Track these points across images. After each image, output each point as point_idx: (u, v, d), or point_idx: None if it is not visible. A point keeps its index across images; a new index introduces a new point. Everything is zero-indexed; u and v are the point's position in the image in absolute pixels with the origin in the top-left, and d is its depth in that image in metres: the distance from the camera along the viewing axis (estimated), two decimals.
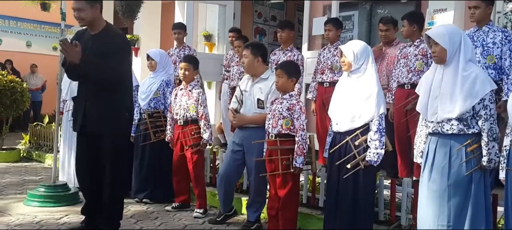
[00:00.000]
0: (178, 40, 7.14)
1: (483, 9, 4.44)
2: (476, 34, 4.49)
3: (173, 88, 5.43)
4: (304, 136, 4.08)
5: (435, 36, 3.29)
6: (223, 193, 4.64)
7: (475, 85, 3.16)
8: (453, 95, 3.20)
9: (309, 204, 4.73)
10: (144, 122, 5.40)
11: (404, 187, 4.21)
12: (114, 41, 4.08)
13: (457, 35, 3.27)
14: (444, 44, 3.24)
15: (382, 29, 5.65)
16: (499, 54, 4.35)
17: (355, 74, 3.85)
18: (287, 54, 6.17)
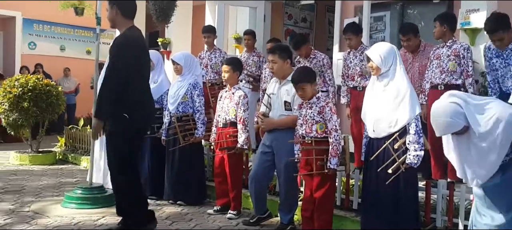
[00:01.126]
0: (208, 44, 7.19)
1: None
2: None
3: (201, 91, 5.48)
4: (337, 136, 4.07)
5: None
6: (255, 195, 4.66)
7: None
8: None
9: (343, 206, 4.71)
10: (173, 126, 5.46)
11: (439, 188, 4.17)
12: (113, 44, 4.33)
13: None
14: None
15: (403, 40, 5.56)
16: None
17: (384, 78, 3.82)
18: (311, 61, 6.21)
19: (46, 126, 8.41)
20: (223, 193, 5.17)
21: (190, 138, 5.39)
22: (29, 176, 7.04)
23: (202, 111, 5.42)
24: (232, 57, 5.82)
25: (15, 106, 7.79)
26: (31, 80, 7.99)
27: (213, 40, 7.24)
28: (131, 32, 4.23)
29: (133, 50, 4.17)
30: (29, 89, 7.85)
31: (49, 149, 8.63)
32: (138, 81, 4.23)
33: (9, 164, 8.02)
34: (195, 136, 5.38)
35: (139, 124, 4.28)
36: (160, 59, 6.05)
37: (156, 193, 5.67)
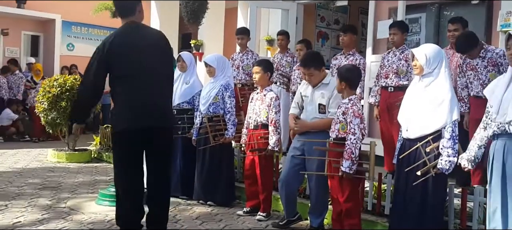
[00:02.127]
0: (241, 45, 7.22)
1: None
2: None
3: (232, 92, 5.49)
4: (353, 140, 4.00)
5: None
6: (285, 198, 4.64)
7: None
8: None
9: (374, 211, 4.63)
10: (204, 126, 5.48)
11: (476, 196, 4.05)
12: None
13: None
14: None
15: (450, 29, 5.44)
16: None
17: (427, 79, 3.75)
18: (349, 59, 6.10)
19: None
20: (253, 195, 5.16)
21: (220, 138, 5.40)
22: (65, 173, 7.22)
23: (232, 113, 5.44)
24: (262, 59, 5.82)
25: (54, 105, 8.00)
26: (69, 81, 8.20)
27: (246, 42, 7.27)
28: (117, 30, 4.00)
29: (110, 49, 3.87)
30: (67, 89, 8.05)
31: (85, 147, 8.80)
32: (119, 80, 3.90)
33: (47, 161, 8.23)
34: (225, 137, 5.40)
35: (117, 126, 3.94)
36: (193, 61, 6.10)
37: (187, 193, 5.71)
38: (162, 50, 3.99)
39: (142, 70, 3.86)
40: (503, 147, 3.18)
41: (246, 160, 5.22)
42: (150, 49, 3.90)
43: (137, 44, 3.87)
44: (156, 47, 3.95)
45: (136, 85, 3.87)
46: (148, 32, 4.02)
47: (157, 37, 4.02)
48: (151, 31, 4.08)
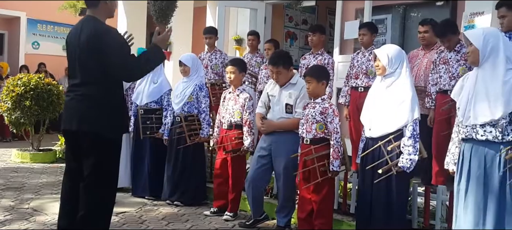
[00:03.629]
0: (209, 45, 7.19)
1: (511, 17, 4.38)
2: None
3: (206, 92, 5.48)
4: (338, 138, 4.06)
5: (470, 36, 3.22)
6: (252, 198, 4.64)
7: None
8: (490, 100, 3.11)
9: (340, 210, 4.67)
10: (179, 125, 5.44)
11: (439, 194, 4.13)
12: None
13: (493, 37, 3.17)
14: (477, 44, 3.15)
15: (420, 31, 5.51)
16: None
17: (389, 79, 3.81)
18: (317, 58, 6.13)
19: (47, 124, 8.44)
20: (221, 195, 5.14)
21: (195, 138, 5.37)
22: (29, 173, 7.07)
23: (207, 112, 5.44)
24: (236, 58, 5.83)
25: (18, 104, 7.83)
26: (33, 80, 8.03)
27: (214, 42, 7.24)
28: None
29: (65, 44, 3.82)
30: (31, 88, 7.89)
31: (50, 147, 8.63)
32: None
33: (10, 161, 8.06)
34: (200, 136, 5.37)
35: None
36: None
37: (154, 194, 5.66)
38: (93, 50, 3.56)
39: (73, 70, 3.69)
40: (470, 150, 3.26)
41: (217, 160, 5.19)
42: (83, 47, 3.59)
43: (73, 41, 3.68)
44: (87, 46, 3.58)
45: (69, 85, 3.75)
46: (86, 29, 3.63)
47: (90, 35, 3.59)
48: (89, 28, 3.63)
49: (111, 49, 3.53)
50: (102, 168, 3.64)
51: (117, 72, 3.59)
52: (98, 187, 3.63)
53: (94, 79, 3.58)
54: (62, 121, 3.75)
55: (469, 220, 3.25)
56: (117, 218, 4.86)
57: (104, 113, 3.59)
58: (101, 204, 3.68)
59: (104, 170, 3.66)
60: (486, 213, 3.19)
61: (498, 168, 3.14)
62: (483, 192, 3.19)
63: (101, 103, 3.59)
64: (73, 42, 3.67)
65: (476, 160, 3.22)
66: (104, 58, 3.52)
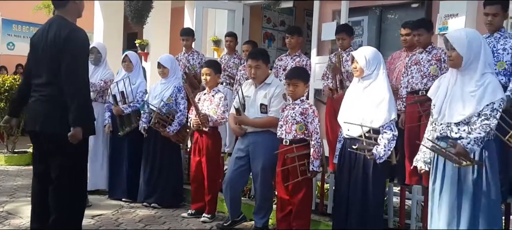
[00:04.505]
0: (186, 46, 7.17)
1: (502, 17, 4.39)
2: (487, 40, 4.43)
3: (184, 94, 5.46)
4: (318, 139, 4.10)
5: (453, 41, 3.24)
6: (229, 199, 4.63)
7: (486, 91, 3.14)
8: (464, 100, 3.18)
9: (317, 210, 4.70)
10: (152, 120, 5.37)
11: (414, 194, 4.18)
12: None
13: (476, 41, 3.23)
14: (462, 51, 3.20)
15: (402, 33, 5.56)
16: (510, 61, 4.28)
17: (366, 80, 3.86)
18: (295, 60, 6.16)
19: (22, 126, 8.27)
20: (198, 197, 5.12)
21: (159, 127, 5.29)
22: (4, 176, 6.95)
23: (184, 113, 5.41)
24: (212, 60, 5.82)
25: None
26: (7, 81, 7.91)
27: (191, 43, 7.23)
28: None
29: (30, 45, 3.80)
30: (6, 90, 7.77)
31: (25, 149, 8.48)
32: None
33: None
34: (166, 130, 5.29)
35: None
36: (139, 61, 6.02)
37: (131, 196, 5.61)
38: (60, 50, 3.51)
39: (38, 70, 3.64)
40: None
41: (192, 162, 5.17)
42: (51, 47, 3.55)
43: (40, 41, 3.62)
44: (55, 46, 3.53)
45: (33, 85, 3.69)
46: (54, 29, 3.58)
47: (58, 35, 3.54)
48: (57, 28, 3.58)
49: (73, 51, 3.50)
50: (69, 169, 3.60)
51: (66, 75, 3.50)
52: (67, 189, 3.59)
53: (59, 80, 3.52)
54: (27, 122, 3.71)
55: (443, 219, 3.30)
56: (92, 221, 4.81)
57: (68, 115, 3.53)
58: (71, 206, 3.64)
59: (72, 172, 3.61)
60: (460, 212, 3.24)
61: (472, 168, 3.20)
62: (457, 191, 3.24)
63: (66, 104, 3.52)
64: (40, 42, 3.61)
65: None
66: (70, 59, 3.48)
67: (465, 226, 3.22)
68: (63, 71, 3.50)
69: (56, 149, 3.57)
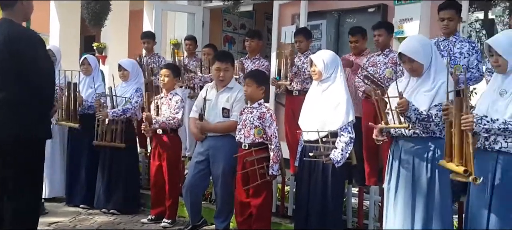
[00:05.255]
0: (147, 49, 7.12)
1: (456, 21, 4.53)
2: (443, 43, 4.55)
3: (142, 96, 5.39)
4: (277, 143, 4.12)
5: (410, 53, 3.33)
6: (190, 204, 4.60)
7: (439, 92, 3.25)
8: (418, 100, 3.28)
9: (278, 213, 4.73)
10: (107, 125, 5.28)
11: (371, 194, 4.26)
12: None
13: (428, 47, 3.36)
14: (419, 58, 3.31)
15: (351, 40, 5.68)
16: (466, 64, 4.41)
17: (325, 83, 3.90)
18: (255, 63, 6.21)
19: None
20: (158, 202, 5.07)
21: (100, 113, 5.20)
22: None
23: (133, 108, 5.29)
24: (171, 63, 5.77)
25: None
26: None
27: (152, 46, 7.18)
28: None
29: None
30: None
31: None
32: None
33: None
34: (106, 112, 5.18)
35: None
36: (97, 65, 5.94)
37: (89, 202, 5.50)
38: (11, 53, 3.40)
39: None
40: (399, 149, 3.40)
41: (152, 167, 5.11)
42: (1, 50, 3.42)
43: None
44: (5, 49, 3.42)
45: None
46: (3, 32, 3.45)
47: (8, 37, 3.43)
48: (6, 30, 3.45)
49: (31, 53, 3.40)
50: (24, 175, 3.49)
51: (18, 78, 3.41)
52: (22, 195, 3.48)
53: (12, 84, 3.42)
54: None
55: (399, 218, 3.38)
56: (49, 229, 4.69)
57: (23, 119, 3.45)
58: (26, 213, 3.53)
59: (27, 177, 3.51)
60: (414, 212, 3.33)
61: (426, 167, 3.29)
62: (412, 191, 3.33)
63: (20, 108, 3.43)
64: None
65: (405, 158, 3.37)
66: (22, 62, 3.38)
67: (419, 225, 3.31)
68: (16, 75, 3.41)
69: (11, 154, 3.46)
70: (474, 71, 4.39)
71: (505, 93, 2.95)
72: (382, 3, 6.29)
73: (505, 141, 2.94)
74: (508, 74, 2.98)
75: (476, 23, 5.99)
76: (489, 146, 3.00)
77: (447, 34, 4.52)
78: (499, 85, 3.02)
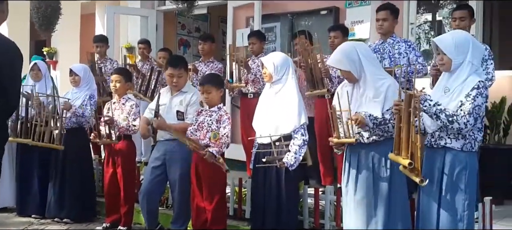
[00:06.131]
0: (100, 53, 7.00)
1: (391, 22, 4.68)
2: (382, 46, 4.70)
3: (95, 103, 5.29)
4: (228, 140, 4.12)
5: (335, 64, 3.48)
6: (146, 210, 4.54)
7: (388, 96, 3.33)
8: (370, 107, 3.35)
9: (236, 216, 4.73)
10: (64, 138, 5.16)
11: (327, 194, 4.32)
12: None
13: (353, 53, 3.43)
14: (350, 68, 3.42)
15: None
16: (407, 63, 4.55)
17: (276, 86, 3.93)
18: (209, 66, 6.23)
19: None
20: (113, 209, 4.97)
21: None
22: None
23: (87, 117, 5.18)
24: (122, 67, 5.68)
25: None
26: None
27: (105, 50, 7.06)
28: None
29: None
30: None
31: None
32: None
33: None
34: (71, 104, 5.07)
35: None
36: (47, 70, 5.81)
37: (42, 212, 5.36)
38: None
39: None
40: (357, 150, 3.47)
41: (106, 174, 5.01)
42: None
43: None
44: None
45: None
46: None
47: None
48: None
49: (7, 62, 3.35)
50: None
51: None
52: None
53: None
54: None
55: (359, 219, 3.44)
56: None
57: None
58: None
59: None
60: (375, 212, 3.40)
61: (385, 167, 3.37)
62: (373, 191, 3.40)
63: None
64: None
65: (364, 159, 3.44)
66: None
67: (380, 225, 3.37)
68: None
69: None
70: (417, 65, 4.51)
71: (448, 91, 3.09)
72: (334, 6, 6.41)
73: (448, 137, 3.07)
74: (453, 73, 3.11)
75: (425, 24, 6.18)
76: (435, 143, 3.13)
77: (383, 34, 4.68)
78: (444, 83, 3.15)
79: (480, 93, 2.99)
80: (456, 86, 3.05)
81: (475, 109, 2.97)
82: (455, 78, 3.08)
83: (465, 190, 3.07)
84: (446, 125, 2.99)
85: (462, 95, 3.01)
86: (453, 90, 3.06)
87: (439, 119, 2.99)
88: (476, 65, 3.07)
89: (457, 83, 3.06)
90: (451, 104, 3.04)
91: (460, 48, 3.06)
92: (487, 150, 4.71)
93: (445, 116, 2.98)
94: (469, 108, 2.96)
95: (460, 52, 3.06)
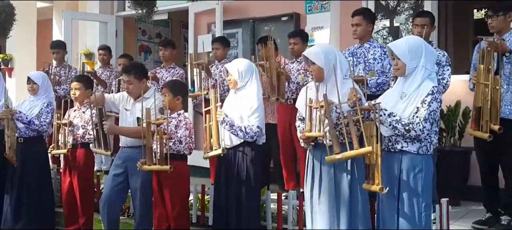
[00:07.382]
0: (57, 59, 6.86)
1: (365, 27, 4.70)
2: (359, 50, 4.75)
3: (52, 110, 5.16)
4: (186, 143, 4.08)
5: (311, 56, 3.48)
6: (107, 219, 4.46)
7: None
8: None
9: (199, 223, 4.71)
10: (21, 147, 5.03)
11: (289, 199, 4.36)
12: None
13: (332, 54, 3.49)
14: (320, 63, 3.44)
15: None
16: (380, 69, 4.61)
17: (240, 91, 3.96)
18: (170, 71, 6.19)
19: None
20: (72, 219, 4.87)
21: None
22: None
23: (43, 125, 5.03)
24: (82, 75, 5.57)
25: None
26: None
27: (62, 56, 6.93)
28: None
29: None
30: None
31: None
32: None
33: None
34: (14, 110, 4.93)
35: None
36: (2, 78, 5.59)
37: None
38: None
39: None
40: (319, 154, 3.50)
41: (63, 183, 4.90)
42: None
43: None
44: None
45: None
46: None
47: None
48: None
49: None
50: None
51: None
52: None
53: None
54: None
55: (325, 222, 3.47)
56: None
57: None
58: None
59: None
60: (339, 216, 3.44)
61: (346, 171, 3.42)
62: (335, 194, 3.44)
63: None
64: None
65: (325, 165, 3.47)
66: None
67: (344, 226, 3.42)
68: None
69: None
70: (389, 74, 4.52)
71: (404, 96, 3.18)
72: (294, 12, 6.48)
73: (405, 141, 3.15)
74: (407, 78, 3.19)
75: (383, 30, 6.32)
76: (392, 146, 3.21)
77: (358, 39, 4.73)
78: (400, 88, 3.23)
79: (435, 99, 3.09)
80: (412, 92, 3.14)
81: (431, 115, 3.06)
82: (410, 83, 3.17)
83: (422, 192, 3.15)
84: (403, 134, 3.08)
85: (418, 101, 3.10)
86: (409, 96, 3.15)
87: (396, 128, 3.08)
88: (429, 69, 3.16)
89: (412, 88, 3.14)
90: (407, 110, 3.12)
91: (413, 53, 3.15)
92: (443, 152, 4.83)
93: (401, 126, 3.07)
94: (425, 115, 3.05)
95: (413, 57, 3.15)
